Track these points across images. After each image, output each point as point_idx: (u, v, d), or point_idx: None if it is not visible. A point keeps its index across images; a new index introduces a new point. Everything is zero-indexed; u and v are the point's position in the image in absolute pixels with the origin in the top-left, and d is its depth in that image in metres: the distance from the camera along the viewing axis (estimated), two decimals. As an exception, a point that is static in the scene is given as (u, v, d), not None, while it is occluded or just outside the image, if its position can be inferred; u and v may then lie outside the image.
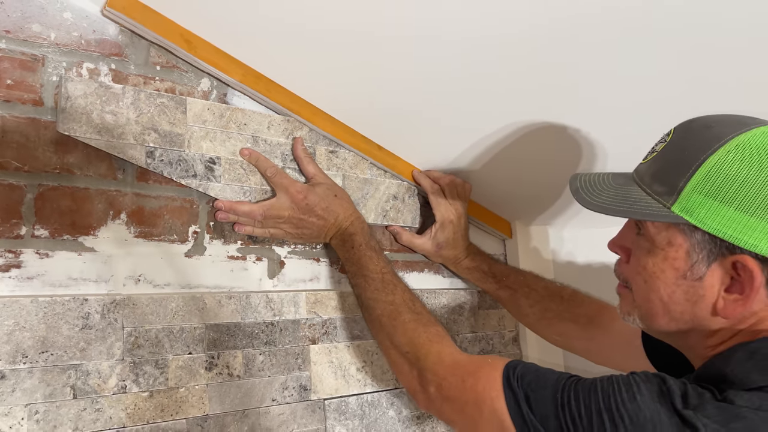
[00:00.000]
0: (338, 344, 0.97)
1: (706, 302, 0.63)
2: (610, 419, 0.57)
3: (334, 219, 0.94)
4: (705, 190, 0.61)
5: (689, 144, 0.64)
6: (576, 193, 0.72)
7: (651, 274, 0.66)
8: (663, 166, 0.66)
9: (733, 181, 0.60)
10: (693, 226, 0.62)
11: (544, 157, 1.05)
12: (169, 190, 0.86)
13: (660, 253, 0.65)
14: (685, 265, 0.63)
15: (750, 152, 0.60)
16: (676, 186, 0.63)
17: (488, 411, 0.68)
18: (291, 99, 0.96)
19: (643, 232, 0.67)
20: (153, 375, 0.80)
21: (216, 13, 0.83)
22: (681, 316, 0.65)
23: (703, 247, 0.62)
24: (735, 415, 0.55)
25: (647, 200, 0.65)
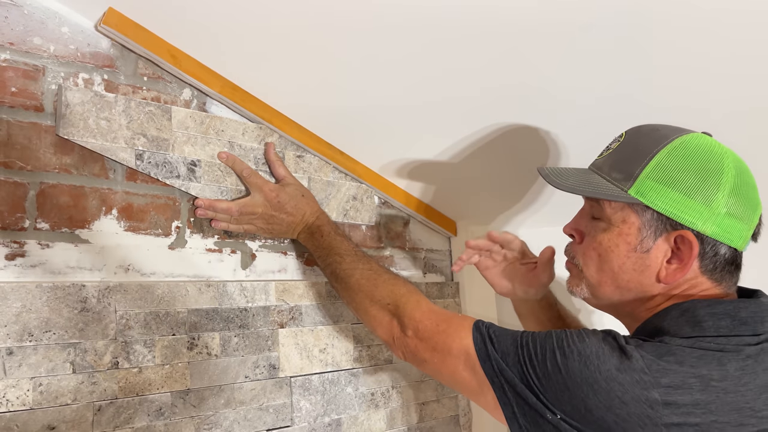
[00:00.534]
0: (303, 328, 1.09)
1: (651, 271, 0.79)
2: (561, 354, 0.72)
3: (301, 216, 1.06)
4: (655, 176, 0.77)
5: (642, 141, 0.81)
6: (547, 178, 0.85)
7: (606, 248, 0.81)
8: (620, 158, 0.81)
9: (677, 170, 0.77)
10: (645, 206, 0.78)
11: (492, 162, 1.20)
12: (154, 189, 0.96)
13: (615, 230, 0.80)
14: (636, 240, 0.79)
15: (690, 149, 0.77)
16: (633, 173, 0.79)
17: (457, 347, 0.82)
18: (263, 109, 1.07)
19: (599, 215, 0.82)
20: (142, 353, 0.90)
21: (199, 31, 0.93)
22: (627, 284, 0.80)
23: (651, 224, 0.78)
24: (667, 351, 0.70)
25: (607, 185, 0.81)
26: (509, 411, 0.76)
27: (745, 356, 0.71)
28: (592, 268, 0.83)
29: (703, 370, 0.69)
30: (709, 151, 0.77)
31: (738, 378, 0.69)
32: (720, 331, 0.72)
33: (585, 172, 0.85)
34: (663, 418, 0.67)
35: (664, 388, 0.67)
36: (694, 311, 0.74)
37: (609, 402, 0.68)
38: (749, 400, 0.69)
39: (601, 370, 0.69)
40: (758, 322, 0.74)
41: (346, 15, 0.87)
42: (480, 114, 1.08)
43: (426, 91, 1.03)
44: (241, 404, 0.99)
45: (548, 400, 0.72)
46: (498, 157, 1.17)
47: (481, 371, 0.78)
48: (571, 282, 0.87)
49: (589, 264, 0.83)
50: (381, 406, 1.19)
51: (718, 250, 0.76)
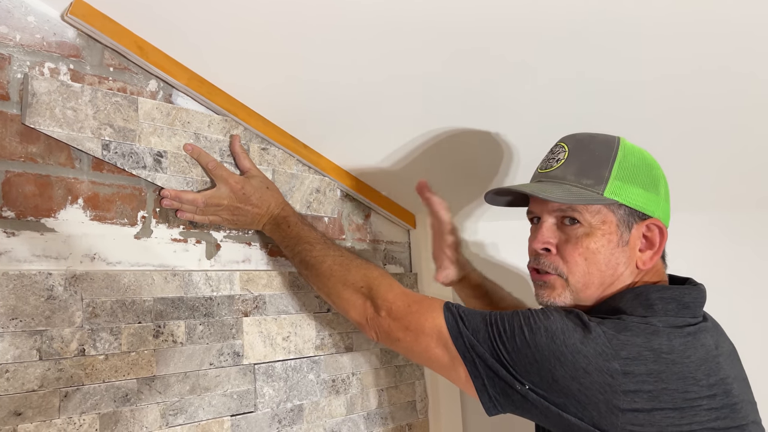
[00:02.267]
0: (267, 317, 1.12)
1: (631, 261, 0.87)
2: (529, 330, 0.78)
3: (266, 207, 1.08)
4: (622, 176, 0.86)
5: (592, 147, 0.88)
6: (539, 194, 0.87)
7: (593, 251, 0.86)
8: (581, 166, 0.88)
9: (634, 167, 0.86)
10: (618, 204, 0.86)
11: (451, 157, 1.24)
12: (120, 179, 0.97)
13: (598, 232, 0.86)
14: (616, 236, 0.86)
15: (630, 149, 0.89)
16: (602, 176, 0.86)
17: (430, 326, 0.87)
18: (229, 101, 1.09)
19: (578, 221, 0.87)
20: (108, 340, 0.91)
21: (166, 24, 0.95)
22: (611, 278, 0.87)
23: (625, 219, 0.86)
24: (625, 327, 0.79)
25: (583, 192, 0.86)
26: (480, 383, 0.82)
27: (686, 333, 0.80)
28: (578, 274, 0.87)
29: (655, 344, 0.77)
30: (640, 151, 0.89)
31: (682, 351, 0.77)
32: (668, 313, 0.81)
33: (555, 184, 0.89)
34: (621, 386, 0.74)
35: (623, 359, 0.75)
36: (647, 295, 0.83)
37: (574, 372, 0.75)
38: (692, 371, 0.77)
39: (567, 343, 0.76)
40: (698, 306, 0.85)
41: (312, 12, 0.90)
42: (441, 111, 1.13)
43: (388, 87, 1.06)
44: (206, 390, 1.01)
45: (517, 372, 0.79)
46: (456, 153, 1.22)
47: (454, 347, 0.84)
48: (552, 293, 0.89)
49: (575, 270, 0.87)
50: (341, 392, 1.23)
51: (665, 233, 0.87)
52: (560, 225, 0.89)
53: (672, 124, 1.13)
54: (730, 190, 1.36)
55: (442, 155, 1.23)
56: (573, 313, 0.81)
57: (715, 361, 0.80)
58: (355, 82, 1.05)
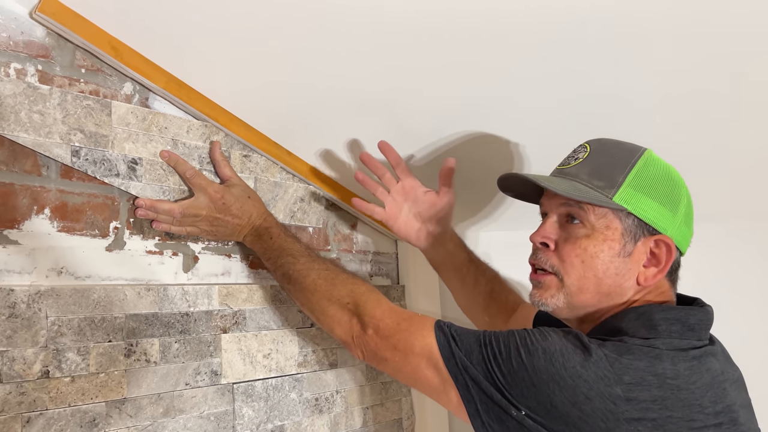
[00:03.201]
0: (247, 333, 1.06)
1: (631, 274, 0.82)
2: (526, 352, 0.74)
3: (248, 218, 1.03)
4: (636, 185, 0.81)
5: (615, 152, 0.84)
6: (543, 182, 0.83)
7: (591, 254, 0.82)
8: (598, 167, 0.83)
9: (653, 180, 0.82)
10: (627, 213, 0.81)
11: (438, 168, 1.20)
12: (92, 188, 0.91)
13: (599, 236, 0.82)
14: (619, 245, 0.81)
15: (656, 162, 0.84)
16: (616, 181, 0.81)
17: (420, 346, 0.82)
18: (210, 106, 1.03)
19: (580, 220, 0.83)
20: (75, 361, 0.85)
21: (143, 24, 0.89)
22: (607, 289, 0.82)
23: (632, 230, 0.81)
24: (627, 350, 0.74)
25: (591, 191, 0.82)
26: (473, 408, 0.77)
27: (691, 357, 0.75)
28: (574, 275, 0.83)
29: (659, 369, 0.72)
30: (666, 166, 0.84)
31: (687, 377, 0.73)
32: (672, 335, 0.77)
33: (563, 180, 0.85)
34: (624, 413, 0.70)
35: (626, 384, 0.70)
36: (650, 315, 0.78)
37: (574, 398, 0.70)
38: (698, 397, 0.73)
39: (567, 366, 0.71)
40: (703, 329, 0.80)
41: (295, 12, 0.85)
42: (434, 119, 1.08)
43: (378, 95, 1.01)
44: (181, 413, 0.95)
45: (513, 396, 0.74)
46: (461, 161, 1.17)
47: (445, 369, 0.79)
48: (545, 294, 0.85)
49: (570, 271, 0.83)
50: (325, 411, 1.17)
51: (677, 255, 0.83)
52: (564, 223, 0.85)
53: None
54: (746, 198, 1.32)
55: (437, 165, 1.18)
56: (572, 334, 0.76)
57: (722, 387, 0.76)
58: (343, 87, 1.00)
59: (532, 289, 0.88)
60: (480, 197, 1.32)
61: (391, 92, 1.01)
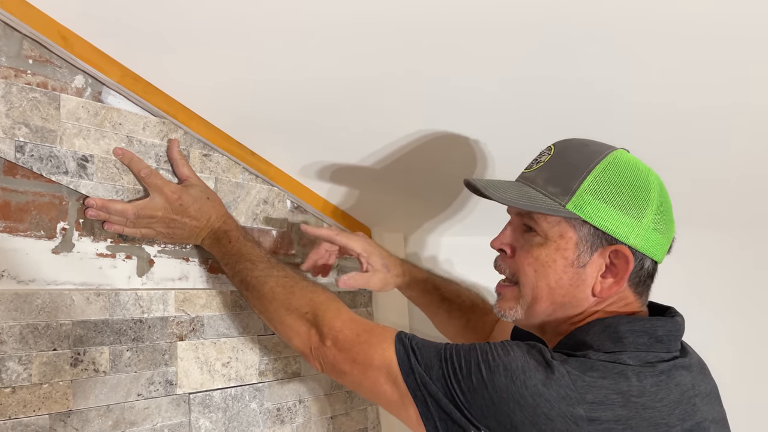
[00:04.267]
0: (205, 341, 1.01)
1: (586, 285, 0.78)
2: (487, 368, 0.70)
3: (206, 220, 0.98)
4: (592, 192, 0.77)
5: (575, 156, 0.80)
6: (485, 190, 0.81)
7: (543, 263, 0.79)
8: (555, 173, 0.80)
9: (612, 186, 0.77)
10: (582, 221, 0.77)
11: (414, 170, 1.16)
12: (37, 186, 0.86)
13: (552, 245, 0.78)
14: (573, 255, 0.78)
15: (621, 166, 0.78)
16: (570, 188, 0.77)
17: (379, 359, 0.78)
18: (168, 102, 0.99)
19: (534, 229, 0.80)
20: (16, 371, 0.79)
21: (95, 14, 0.84)
22: (562, 299, 0.79)
23: (588, 239, 0.77)
24: (591, 366, 0.70)
25: (544, 199, 0.79)
26: (431, 426, 0.74)
27: (659, 372, 0.73)
28: (527, 285, 0.80)
29: (624, 386, 0.69)
30: (636, 168, 0.79)
31: (654, 393, 0.70)
32: (639, 348, 0.74)
33: (519, 185, 0.83)
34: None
35: (588, 404, 0.68)
36: (616, 327, 0.75)
37: (535, 418, 0.67)
38: (664, 416, 0.70)
39: (528, 385, 0.68)
40: (672, 340, 0.77)
41: (256, 9, 0.81)
42: (402, 119, 1.05)
43: (344, 93, 0.98)
44: (132, 425, 0.90)
45: (473, 415, 0.70)
46: (420, 165, 1.14)
47: (404, 385, 0.76)
48: (504, 305, 0.84)
49: (524, 280, 0.81)
50: (287, 422, 1.13)
51: (644, 264, 0.79)
52: (523, 230, 0.83)
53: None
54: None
55: (403, 166, 1.15)
56: (536, 348, 0.73)
57: (691, 402, 0.73)
58: (308, 85, 0.97)
59: (495, 300, 0.87)
60: (439, 202, 1.29)
61: (351, 91, 0.98)
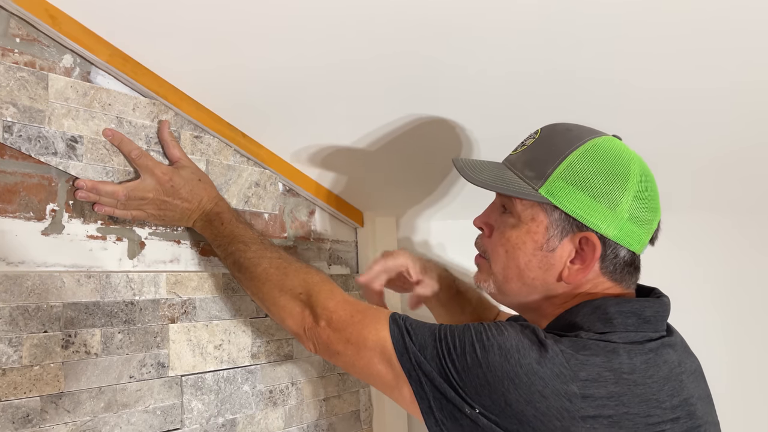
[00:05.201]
0: (197, 323, 1.01)
1: (555, 270, 0.79)
2: (481, 347, 0.70)
3: (198, 202, 0.97)
4: (566, 177, 0.77)
5: (555, 141, 0.80)
6: (461, 171, 0.84)
7: (513, 245, 0.80)
8: (533, 157, 0.80)
9: (587, 172, 0.77)
10: (554, 206, 0.78)
11: (405, 153, 1.16)
12: (26, 167, 0.85)
13: (524, 227, 0.80)
14: (542, 239, 0.79)
15: (600, 152, 0.78)
16: (545, 172, 0.78)
17: (373, 339, 0.79)
18: (158, 83, 0.97)
19: (509, 210, 0.81)
20: (6, 353, 0.79)
21: (85, -9, 0.83)
22: (532, 282, 0.80)
23: (558, 224, 0.78)
24: (583, 345, 0.71)
25: (519, 182, 0.79)
26: (425, 405, 0.74)
27: (647, 350, 0.74)
28: (499, 264, 0.82)
29: (615, 364, 0.70)
30: (617, 156, 0.78)
31: (644, 371, 0.71)
32: (628, 328, 0.75)
33: (499, 167, 0.84)
34: (580, 411, 0.67)
35: (582, 381, 0.68)
36: (605, 308, 0.75)
37: (529, 396, 0.68)
38: (655, 392, 0.71)
39: (522, 363, 0.69)
40: (659, 320, 0.78)
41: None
42: (394, 101, 1.04)
43: (338, 74, 0.97)
44: (125, 407, 0.90)
45: (467, 394, 0.70)
46: (411, 149, 1.14)
47: (398, 364, 0.76)
48: (479, 277, 0.87)
49: (496, 259, 0.83)
50: (279, 404, 1.13)
51: (618, 253, 0.78)
52: (501, 211, 0.84)
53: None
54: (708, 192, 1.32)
55: (394, 149, 1.15)
56: (529, 329, 0.73)
57: (678, 379, 0.74)
58: (301, 66, 0.95)
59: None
60: (427, 186, 1.29)
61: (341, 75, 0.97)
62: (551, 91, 0.99)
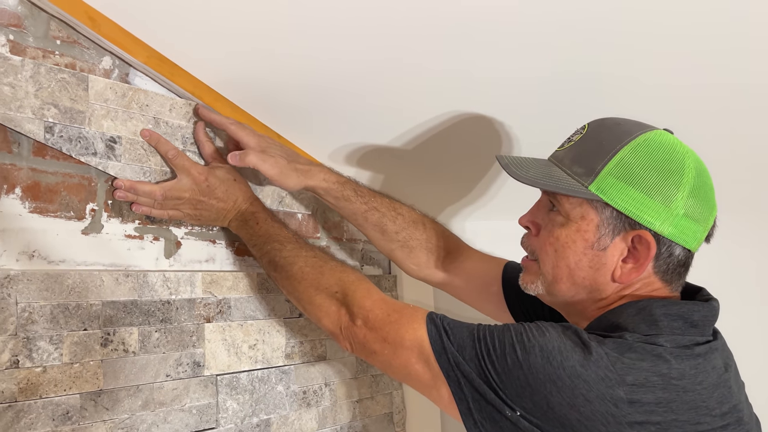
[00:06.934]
0: (232, 323, 1.01)
1: (606, 269, 0.76)
2: (522, 349, 0.69)
3: (233, 202, 0.98)
4: (617, 173, 0.74)
5: (605, 136, 0.77)
6: (506, 167, 0.81)
7: (563, 244, 0.78)
8: (582, 152, 0.78)
9: (639, 168, 0.74)
10: (604, 203, 0.75)
11: (442, 152, 1.15)
12: (67, 167, 0.86)
13: (573, 226, 0.77)
14: (593, 237, 0.76)
15: (653, 147, 0.75)
16: (594, 169, 0.75)
17: (410, 339, 0.77)
18: (194, 84, 0.98)
19: (557, 208, 0.79)
20: (47, 350, 0.80)
21: (124, -7, 0.84)
22: (582, 281, 0.78)
23: (610, 222, 0.75)
24: (629, 348, 0.69)
25: (568, 179, 0.77)
26: (464, 406, 0.73)
27: (696, 355, 0.71)
28: (547, 263, 0.80)
29: (663, 368, 0.68)
30: (671, 150, 0.76)
31: (694, 377, 0.69)
32: (674, 331, 0.72)
33: (545, 164, 0.82)
34: (627, 417, 0.65)
35: (628, 386, 0.66)
36: (651, 310, 0.73)
37: (573, 399, 0.66)
38: (704, 399, 0.69)
39: (565, 366, 0.67)
40: (707, 325, 0.75)
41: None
42: (431, 102, 1.03)
43: (374, 77, 0.96)
44: (161, 405, 0.90)
45: (508, 396, 0.69)
46: (449, 147, 1.13)
47: (436, 365, 0.74)
48: (526, 278, 0.84)
49: (544, 259, 0.80)
50: (313, 405, 1.13)
51: (673, 251, 0.75)
52: (549, 209, 0.82)
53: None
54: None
55: (428, 152, 1.14)
56: (571, 330, 0.71)
57: (727, 385, 0.72)
58: (334, 70, 0.95)
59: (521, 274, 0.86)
60: (464, 186, 1.28)
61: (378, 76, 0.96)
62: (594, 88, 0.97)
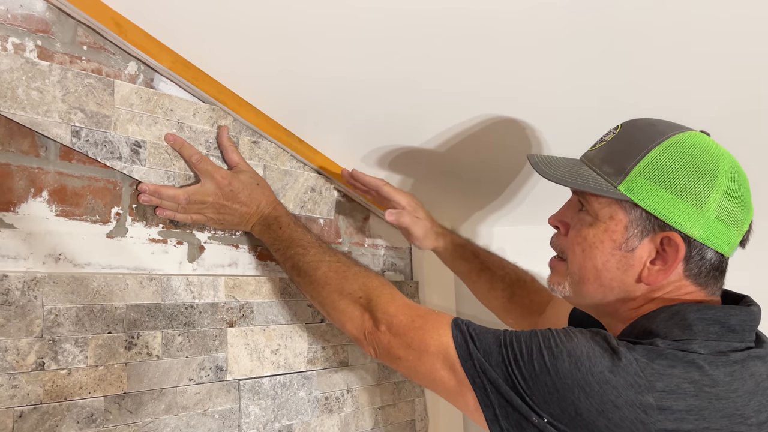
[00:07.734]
0: (254, 327, 1.01)
1: (634, 271, 0.75)
2: (550, 354, 0.67)
3: (256, 206, 0.98)
4: (647, 174, 0.73)
5: (636, 136, 0.76)
6: (536, 166, 0.81)
7: (591, 244, 0.76)
8: (613, 152, 0.77)
9: (671, 169, 0.72)
10: (633, 204, 0.74)
11: (460, 158, 1.14)
12: (92, 171, 0.87)
13: (601, 226, 0.76)
14: (621, 238, 0.75)
15: (686, 148, 0.73)
16: (624, 168, 0.74)
17: (435, 345, 0.76)
18: (218, 89, 0.99)
19: (586, 208, 0.78)
20: (72, 353, 0.80)
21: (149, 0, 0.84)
22: (610, 282, 0.76)
23: (639, 223, 0.74)
24: (659, 354, 0.67)
25: (597, 178, 0.76)
26: (491, 413, 0.71)
27: (732, 362, 0.69)
28: (575, 263, 0.78)
29: (696, 375, 0.66)
30: (705, 152, 0.73)
31: (728, 384, 0.67)
32: (710, 336, 0.70)
33: (576, 164, 0.81)
34: (656, 424, 0.64)
35: (658, 392, 0.64)
36: (684, 314, 0.71)
37: (601, 406, 0.64)
38: (739, 407, 0.66)
39: (593, 372, 0.65)
40: (746, 330, 0.72)
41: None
42: (452, 110, 1.03)
43: (396, 83, 0.96)
44: (184, 410, 0.90)
45: (535, 402, 0.68)
46: (477, 152, 1.11)
47: (462, 371, 0.73)
48: (553, 279, 0.83)
49: (572, 258, 0.79)
50: (335, 411, 1.12)
51: (705, 255, 0.73)
52: (578, 208, 0.80)
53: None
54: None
55: (455, 157, 1.13)
56: (600, 335, 0.70)
57: (766, 393, 0.69)
58: (359, 74, 0.95)
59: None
60: (491, 191, 1.26)
61: (403, 80, 0.96)
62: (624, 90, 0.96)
